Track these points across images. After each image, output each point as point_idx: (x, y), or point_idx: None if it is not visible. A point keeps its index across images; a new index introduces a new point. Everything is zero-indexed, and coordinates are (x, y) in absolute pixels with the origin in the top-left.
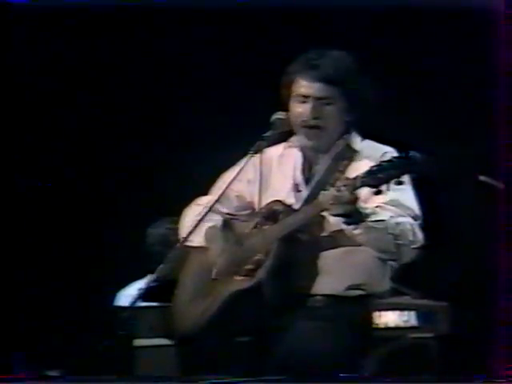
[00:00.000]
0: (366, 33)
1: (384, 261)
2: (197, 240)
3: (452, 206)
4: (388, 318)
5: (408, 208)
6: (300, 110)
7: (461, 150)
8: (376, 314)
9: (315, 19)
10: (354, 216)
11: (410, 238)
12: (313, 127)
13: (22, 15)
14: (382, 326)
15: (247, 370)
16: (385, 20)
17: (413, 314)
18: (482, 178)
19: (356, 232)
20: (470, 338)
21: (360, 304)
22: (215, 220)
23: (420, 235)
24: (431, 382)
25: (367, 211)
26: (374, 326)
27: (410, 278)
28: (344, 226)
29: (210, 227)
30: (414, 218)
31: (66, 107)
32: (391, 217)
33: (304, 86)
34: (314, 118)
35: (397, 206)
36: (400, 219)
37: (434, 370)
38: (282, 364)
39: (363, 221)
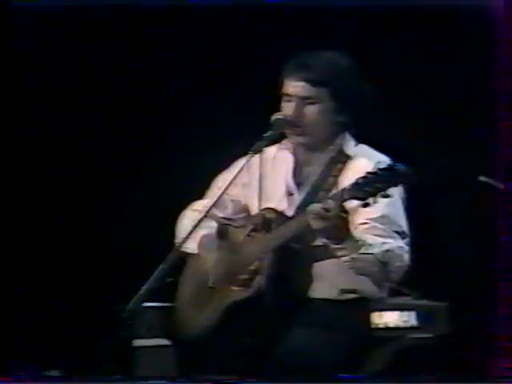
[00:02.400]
0: (364, 33)
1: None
2: (191, 247)
3: (452, 206)
4: (388, 319)
5: (397, 225)
6: (285, 109)
7: (461, 150)
8: (373, 316)
9: (316, 19)
10: (339, 236)
11: (397, 264)
12: (295, 126)
13: (23, 15)
14: (382, 327)
15: (246, 372)
16: (383, 20)
17: (413, 314)
18: (482, 178)
19: (344, 259)
20: (470, 337)
21: (356, 307)
22: (210, 227)
23: (407, 258)
24: (431, 382)
25: (356, 238)
26: (371, 327)
27: (410, 277)
28: (328, 243)
29: (203, 236)
30: (402, 235)
31: (67, 107)
32: (383, 243)
33: (290, 85)
34: (296, 117)
35: (385, 223)
36: (388, 246)
37: (433, 370)
38: (281, 366)
39: (345, 239)
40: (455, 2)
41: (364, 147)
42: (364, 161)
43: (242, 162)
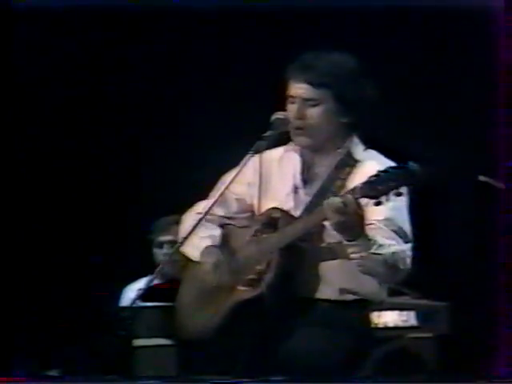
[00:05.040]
0: (366, 33)
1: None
2: (194, 255)
3: (452, 206)
4: (387, 318)
5: (401, 229)
6: (288, 110)
7: (461, 151)
8: (373, 317)
9: (317, 19)
10: (354, 232)
11: (401, 267)
12: (298, 128)
13: (23, 15)
14: (382, 326)
15: (247, 371)
16: (384, 20)
17: (412, 313)
18: (481, 178)
19: (353, 256)
20: (470, 337)
21: (356, 307)
22: (213, 236)
23: (409, 263)
24: (431, 382)
25: (369, 237)
26: (371, 328)
27: (410, 277)
28: (342, 240)
29: (207, 247)
30: (405, 239)
31: (66, 106)
32: (390, 245)
33: (293, 87)
34: (299, 119)
35: (389, 226)
36: (394, 248)
37: (433, 370)
38: (282, 365)
39: (359, 237)
40: (455, 2)
41: (373, 152)
42: (372, 166)
43: (246, 161)
